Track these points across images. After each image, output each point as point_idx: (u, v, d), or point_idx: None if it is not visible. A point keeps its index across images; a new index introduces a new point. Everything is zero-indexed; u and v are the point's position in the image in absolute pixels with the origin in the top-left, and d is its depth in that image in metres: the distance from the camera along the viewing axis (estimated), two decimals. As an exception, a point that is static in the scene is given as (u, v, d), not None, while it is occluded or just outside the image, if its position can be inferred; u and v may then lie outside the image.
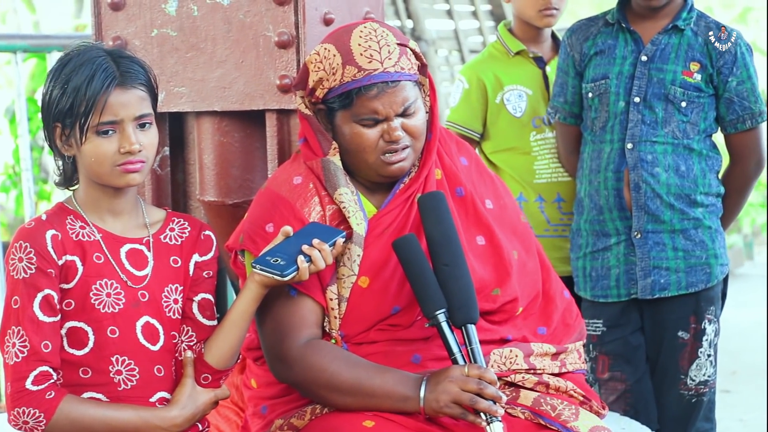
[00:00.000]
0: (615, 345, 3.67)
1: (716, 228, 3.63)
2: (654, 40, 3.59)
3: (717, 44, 3.56)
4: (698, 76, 3.56)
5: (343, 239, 2.68)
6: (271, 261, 2.61)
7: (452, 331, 2.68)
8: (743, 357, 7.01)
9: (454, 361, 2.66)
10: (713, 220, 3.62)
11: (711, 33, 3.57)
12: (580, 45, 3.67)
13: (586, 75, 3.65)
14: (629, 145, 3.57)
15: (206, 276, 2.67)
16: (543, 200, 3.83)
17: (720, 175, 3.68)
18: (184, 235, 2.67)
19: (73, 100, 2.50)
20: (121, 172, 2.53)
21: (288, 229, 2.67)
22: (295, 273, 2.61)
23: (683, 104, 3.55)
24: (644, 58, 3.58)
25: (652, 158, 3.56)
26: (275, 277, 2.60)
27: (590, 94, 3.64)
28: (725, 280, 3.70)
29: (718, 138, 3.71)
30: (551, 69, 3.87)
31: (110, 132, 2.52)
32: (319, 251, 2.63)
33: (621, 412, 3.58)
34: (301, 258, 2.62)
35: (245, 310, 2.63)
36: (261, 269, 2.61)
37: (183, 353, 2.62)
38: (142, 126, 2.55)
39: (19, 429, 2.51)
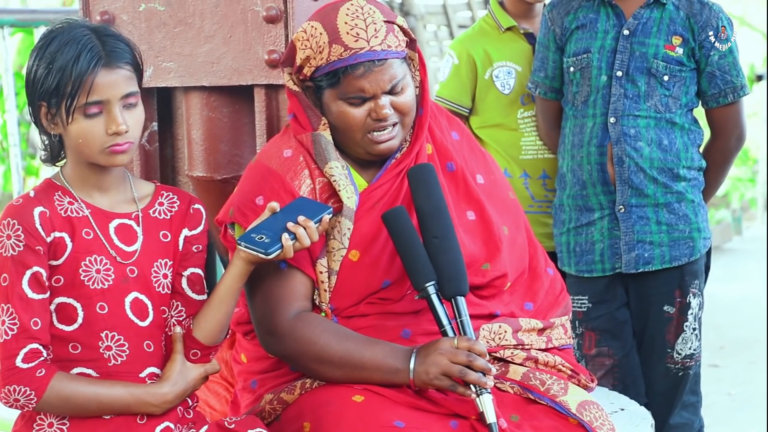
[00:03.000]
0: (601, 321, 3.68)
1: (698, 202, 3.64)
2: (636, 14, 3.59)
3: (717, 44, 3.56)
4: (680, 50, 3.56)
5: (330, 215, 2.68)
6: (256, 238, 2.60)
7: (442, 304, 2.68)
8: (731, 332, 7.04)
9: (444, 334, 2.67)
10: (696, 194, 3.63)
11: (711, 33, 3.56)
12: (561, 19, 3.66)
13: (568, 49, 3.65)
14: (612, 120, 3.57)
15: (195, 250, 2.67)
16: (528, 176, 3.83)
17: (701, 150, 3.69)
18: (173, 209, 2.66)
19: (59, 79, 2.48)
20: (108, 153, 2.52)
21: (274, 205, 2.66)
22: (279, 251, 2.60)
23: (665, 78, 3.55)
24: (626, 32, 3.58)
25: (635, 132, 3.56)
26: (260, 254, 2.59)
27: (572, 69, 3.63)
28: (708, 254, 3.71)
29: (700, 113, 3.72)
30: None
31: (97, 112, 2.51)
32: (305, 228, 2.62)
33: (609, 387, 3.60)
34: (285, 236, 2.60)
35: (231, 287, 2.63)
36: (246, 246, 2.59)
37: (172, 329, 2.62)
38: (129, 105, 2.53)
39: (10, 407, 2.51)
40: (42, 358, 2.50)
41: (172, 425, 2.59)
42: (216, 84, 3.22)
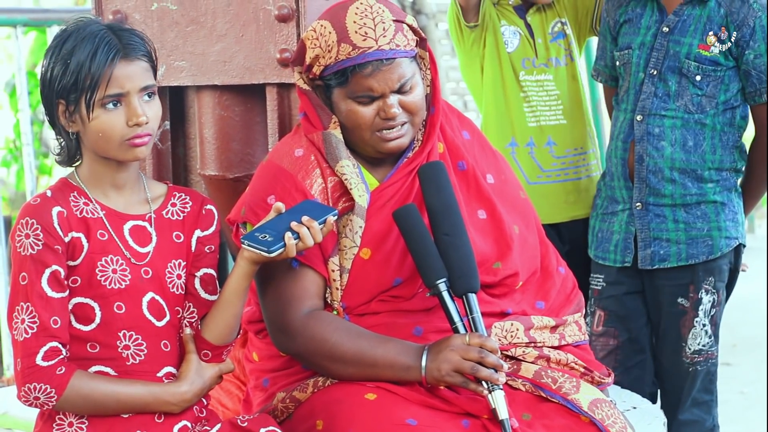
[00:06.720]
0: (610, 301, 3.69)
1: (723, 201, 3.59)
2: (677, 10, 3.58)
3: (752, 43, 3.51)
4: (715, 50, 3.54)
5: (335, 217, 2.67)
6: (260, 237, 2.60)
7: (453, 301, 2.68)
8: (743, 330, 7.02)
9: (456, 330, 2.67)
10: (722, 194, 3.60)
11: (747, 32, 3.53)
12: (614, 11, 3.69)
13: (617, 43, 3.68)
14: (638, 117, 3.58)
15: (208, 251, 2.67)
16: (534, 145, 3.81)
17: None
18: (185, 210, 2.67)
19: (77, 75, 2.50)
20: (129, 146, 2.54)
21: (279, 205, 2.66)
22: (282, 250, 2.60)
23: (698, 78, 3.54)
24: (665, 29, 3.57)
25: (659, 131, 3.57)
26: (262, 253, 2.59)
27: (617, 63, 3.67)
28: (737, 254, 3.69)
29: None
30: (530, 18, 3.85)
31: (116, 105, 2.52)
32: (308, 228, 2.62)
33: (610, 368, 3.61)
34: (288, 235, 2.60)
35: (237, 287, 2.63)
36: (249, 245, 2.60)
37: (183, 330, 2.63)
38: (148, 98, 2.56)
39: (30, 405, 2.51)
40: (62, 356, 2.50)
41: (189, 424, 2.60)
42: (228, 83, 3.23)
